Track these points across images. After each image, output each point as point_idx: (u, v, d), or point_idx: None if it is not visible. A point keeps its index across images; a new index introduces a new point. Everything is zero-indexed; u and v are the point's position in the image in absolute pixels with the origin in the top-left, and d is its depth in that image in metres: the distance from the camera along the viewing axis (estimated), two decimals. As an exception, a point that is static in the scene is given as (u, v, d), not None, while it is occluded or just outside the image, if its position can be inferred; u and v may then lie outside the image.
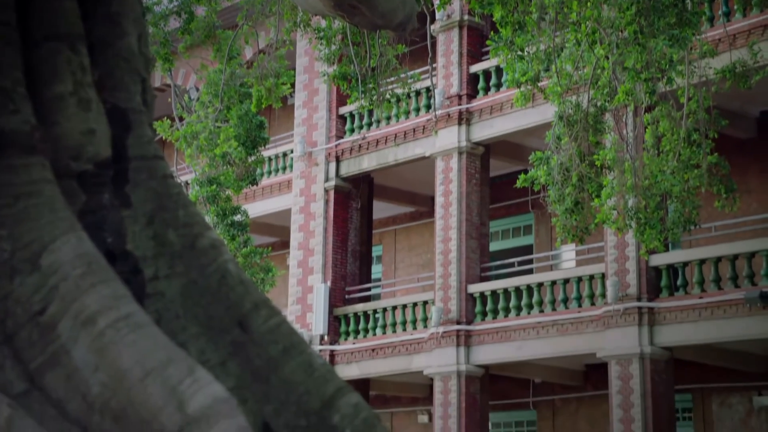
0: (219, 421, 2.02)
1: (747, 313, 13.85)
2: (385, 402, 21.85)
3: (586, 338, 15.77)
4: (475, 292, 17.54)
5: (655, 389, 14.76)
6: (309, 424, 2.49)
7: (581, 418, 18.76)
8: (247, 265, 16.04)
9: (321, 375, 2.53)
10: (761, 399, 16.31)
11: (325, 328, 19.48)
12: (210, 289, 2.54)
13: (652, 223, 10.57)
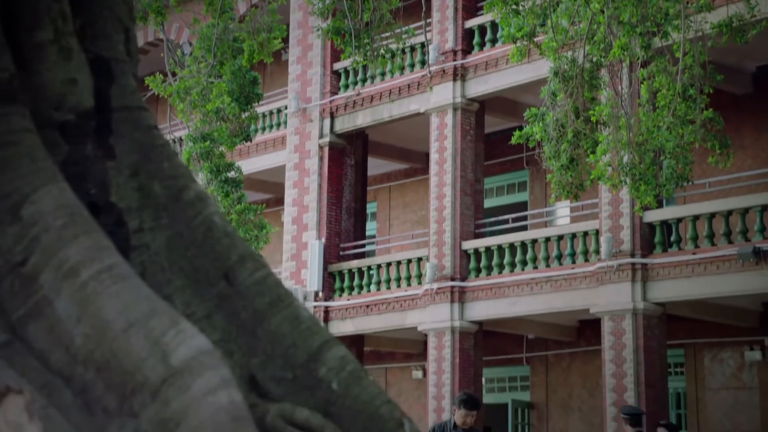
0: (202, 373, 2.01)
1: (739, 268, 13.89)
2: (379, 358, 21.98)
3: (580, 294, 15.82)
4: (470, 249, 17.56)
5: (648, 344, 14.85)
6: (295, 376, 2.48)
7: (574, 373, 18.89)
8: (241, 221, 16.02)
9: (307, 328, 2.52)
10: (753, 353, 16.43)
11: (320, 284, 19.52)
12: (195, 242, 2.52)
13: (646, 179, 10.54)
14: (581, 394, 18.67)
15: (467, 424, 8.22)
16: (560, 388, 18.97)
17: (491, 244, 17.35)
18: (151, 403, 1.99)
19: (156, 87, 15.21)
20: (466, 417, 8.16)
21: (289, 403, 2.42)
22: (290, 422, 2.36)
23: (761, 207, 14.16)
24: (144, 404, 2.00)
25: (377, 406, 2.45)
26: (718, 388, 16.96)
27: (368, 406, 2.45)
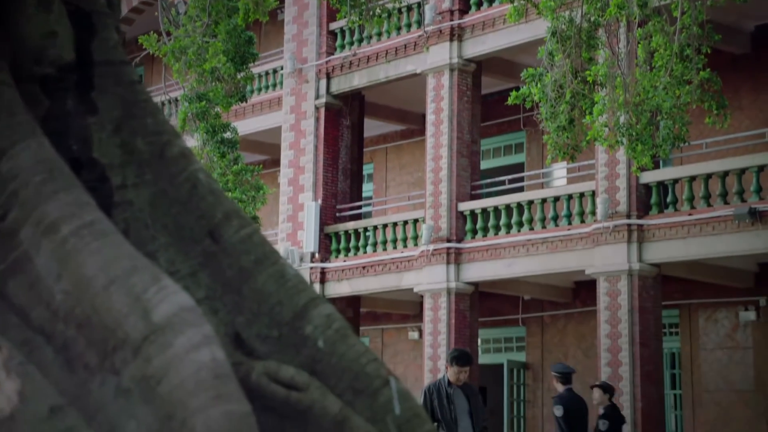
0: (184, 330, 1.99)
1: (735, 229, 13.89)
2: (375, 319, 22.06)
3: (576, 255, 15.83)
4: (466, 210, 17.54)
5: (643, 305, 14.89)
6: (281, 334, 2.46)
7: (569, 334, 18.97)
8: (238, 183, 15.97)
9: (293, 286, 2.50)
10: (747, 314, 16.50)
11: (316, 245, 19.52)
12: (180, 199, 2.49)
13: (642, 139, 10.49)
14: (576, 355, 18.76)
15: (460, 380, 8.12)
16: (555, 349, 19.05)
17: (487, 206, 17.33)
18: (133, 360, 1.98)
19: (150, 47, 15.09)
20: (458, 374, 8.07)
21: (275, 361, 2.41)
22: (275, 380, 2.35)
23: (758, 168, 14.12)
24: (125, 361, 1.98)
25: (363, 364, 2.44)
26: (713, 348, 17.04)
27: (354, 364, 2.44)
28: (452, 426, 8.02)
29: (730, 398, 16.68)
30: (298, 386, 2.34)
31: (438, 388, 8.20)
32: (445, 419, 8.03)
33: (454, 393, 8.13)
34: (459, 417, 8.08)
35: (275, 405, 2.33)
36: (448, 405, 8.06)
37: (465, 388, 8.24)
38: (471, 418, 8.10)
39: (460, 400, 8.14)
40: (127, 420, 1.97)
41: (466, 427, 8.07)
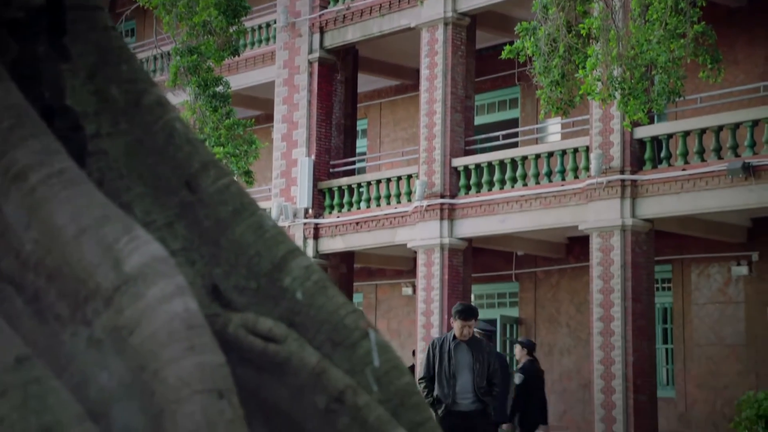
0: (156, 281, 1.95)
1: (729, 184, 13.87)
2: (369, 275, 22.09)
3: (569, 211, 15.82)
4: (459, 166, 17.49)
5: (635, 260, 14.91)
6: (259, 286, 2.43)
7: (562, 289, 19.03)
8: (230, 137, 15.90)
9: (272, 237, 2.46)
10: (739, 268, 16.54)
11: (310, 201, 19.49)
12: (156, 148, 2.44)
13: (636, 93, 10.42)
14: (569, 310, 18.84)
15: (465, 335, 7.85)
16: (548, 304, 19.13)
17: (481, 161, 17.27)
18: (104, 311, 1.94)
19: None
20: (462, 328, 7.81)
21: (253, 313, 2.37)
22: (253, 332, 2.32)
23: (752, 122, 14.07)
24: (97, 312, 1.95)
25: (342, 316, 2.41)
26: (705, 303, 17.11)
27: (333, 316, 2.41)
28: (449, 382, 7.81)
29: (721, 352, 16.78)
30: (275, 338, 2.32)
31: (442, 342, 7.98)
32: (443, 374, 7.83)
33: (457, 348, 7.88)
34: (458, 373, 7.83)
35: (252, 357, 2.30)
36: (449, 360, 7.82)
37: (472, 343, 7.94)
38: (473, 375, 7.82)
39: (463, 355, 7.87)
40: (99, 371, 1.95)
41: (464, 383, 7.84)
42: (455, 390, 7.78)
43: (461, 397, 7.80)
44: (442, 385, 7.80)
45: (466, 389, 7.81)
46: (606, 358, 14.83)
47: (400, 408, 2.35)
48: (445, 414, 7.75)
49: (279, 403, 2.31)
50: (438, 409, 7.77)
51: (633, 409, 14.50)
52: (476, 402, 7.79)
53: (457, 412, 7.77)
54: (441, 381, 7.80)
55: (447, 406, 7.76)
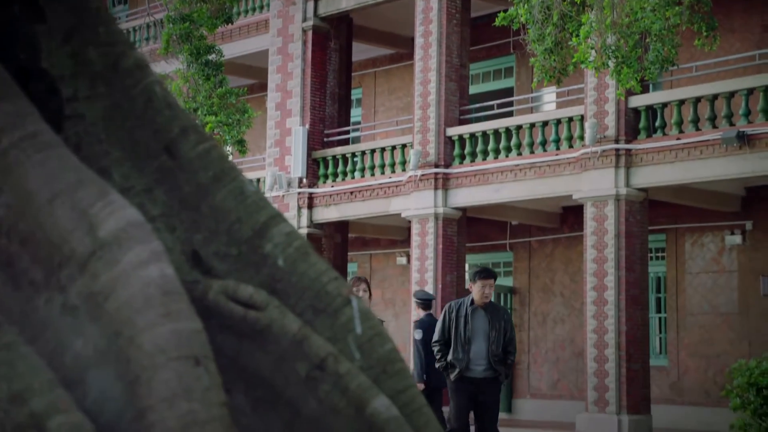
0: (132, 246, 1.92)
1: (723, 153, 13.83)
2: (364, 244, 22.08)
3: (563, 181, 15.79)
4: (454, 135, 17.43)
5: (629, 230, 14.91)
6: (240, 252, 2.40)
7: (556, 259, 19.04)
8: (223, 106, 15.82)
9: (253, 203, 2.42)
10: (733, 237, 16.55)
11: (304, 170, 19.43)
12: (135, 112, 2.40)
13: (629, 62, 10.36)
14: (563, 279, 18.86)
15: (486, 296, 7.69)
16: (543, 274, 19.14)
17: (476, 131, 17.21)
18: (79, 277, 1.91)
19: (131, -33, 14.77)
20: (483, 288, 7.68)
21: (233, 280, 2.35)
22: (233, 299, 2.29)
23: (747, 90, 14.01)
24: (72, 278, 1.92)
25: (324, 283, 2.38)
26: (698, 272, 17.14)
27: (315, 283, 2.38)
28: (464, 347, 7.69)
29: (713, 321, 16.83)
30: (256, 305, 2.29)
31: (459, 306, 7.85)
32: (458, 339, 7.70)
33: (474, 313, 7.76)
34: (473, 338, 7.71)
35: (233, 324, 2.28)
36: (464, 325, 7.71)
37: (489, 308, 7.80)
38: (488, 342, 7.70)
39: (480, 321, 7.75)
40: (74, 338, 1.92)
41: (479, 349, 7.71)
42: (469, 356, 7.70)
43: (475, 363, 7.71)
44: (457, 350, 7.71)
45: (480, 356, 7.70)
46: (599, 326, 14.87)
47: (382, 375, 2.33)
48: (458, 379, 7.71)
49: (260, 371, 2.29)
50: (451, 374, 7.73)
51: (626, 378, 14.56)
52: (489, 369, 7.71)
53: (469, 378, 7.71)
54: (456, 346, 7.71)
55: (460, 371, 7.68)
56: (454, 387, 7.76)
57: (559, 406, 17.96)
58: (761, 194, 16.18)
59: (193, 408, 1.82)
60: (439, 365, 7.86)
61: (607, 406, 14.58)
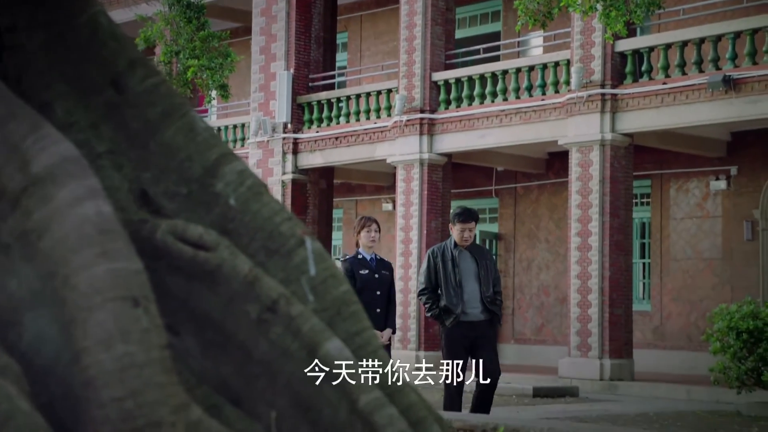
0: (66, 182, 1.83)
1: (709, 97, 13.73)
2: (350, 190, 22.01)
3: (549, 126, 15.69)
4: (440, 80, 17.26)
5: (614, 175, 14.85)
6: (190, 191, 2.32)
7: (542, 205, 19.01)
8: (205, 49, 15.56)
9: (204, 140, 2.34)
10: (718, 183, 16.53)
11: (288, 116, 19.26)
12: (79, 44, 2.30)
13: (617, 5, 10.20)
14: (548, 226, 18.86)
15: (466, 239, 7.39)
16: (528, 220, 19.13)
17: (461, 76, 17.04)
18: (11, 214, 1.83)
19: None
20: (462, 231, 7.36)
21: (183, 220, 2.27)
22: (182, 239, 2.21)
23: (734, 34, 13.87)
24: (3, 215, 1.83)
25: (277, 224, 2.31)
26: (683, 218, 17.15)
27: (268, 223, 2.31)
28: (456, 291, 7.34)
29: (697, 266, 16.89)
30: (206, 246, 2.22)
31: (443, 250, 7.48)
32: (448, 283, 7.36)
33: (460, 255, 7.41)
34: (464, 281, 7.38)
35: (182, 265, 2.21)
36: (453, 268, 7.37)
37: (474, 249, 7.50)
38: (479, 283, 7.38)
39: (467, 263, 7.42)
40: (8, 278, 1.84)
41: (472, 291, 7.37)
42: (464, 299, 7.35)
43: (470, 306, 7.36)
44: (450, 294, 7.34)
45: (474, 298, 7.37)
46: (582, 272, 14.89)
47: (336, 318, 2.27)
48: (454, 325, 7.33)
49: (210, 313, 2.23)
50: (446, 320, 7.34)
51: (608, 323, 14.62)
52: (485, 311, 7.37)
53: (466, 322, 7.34)
54: (448, 291, 7.35)
55: (457, 316, 7.31)
56: (451, 334, 7.32)
57: (543, 351, 18.07)
58: (747, 139, 16.12)
59: (130, 350, 1.75)
60: (431, 314, 7.45)
61: (589, 351, 14.67)
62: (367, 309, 8.29)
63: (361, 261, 7.81)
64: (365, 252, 7.84)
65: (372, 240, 7.82)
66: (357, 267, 7.77)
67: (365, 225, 7.87)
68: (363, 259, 7.81)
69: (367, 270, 7.76)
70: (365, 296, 7.45)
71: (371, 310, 7.53)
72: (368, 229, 7.84)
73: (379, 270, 7.83)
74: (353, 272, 7.70)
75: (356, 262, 7.81)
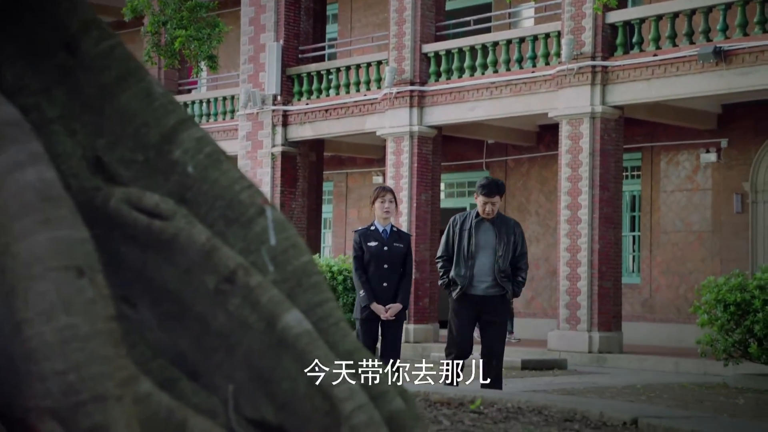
0: (5, 147, 1.76)
1: (699, 69, 13.65)
2: (340, 163, 21.92)
3: (539, 98, 15.59)
4: (430, 52, 17.13)
5: (604, 148, 14.78)
6: (147, 159, 2.24)
7: (533, 178, 18.96)
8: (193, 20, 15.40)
9: (161, 105, 2.26)
10: (708, 155, 16.48)
11: (278, 87, 19.13)
12: (29, 4, 2.21)
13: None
14: (538, 199, 18.81)
15: (488, 212, 7.07)
16: (518, 193, 19.08)
17: (452, 47, 16.91)
18: (-52, 183, 1.76)
19: None
20: (484, 205, 7.06)
21: (138, 188, 2.20)
22: (138, 208, 2.14)
23: (725, 5, 13.75)
24: (-59, 182, 1.76)
25: (237, 192, 2.23)
26: (673, 190, 17.12)
27: (227, 192, 2.24)
28: (466, 263, 7.07)
29: (686, 239, 16.88)
30: (162, 214, 2.14)
31: (464, 219, 7.21)
32: (460, 254, 7.09)
33: (478, 226, 7.12)
34: (478, 253, 7.07)
35: (137, 234, 2.14)
36: (468, 239, 7.08)
37: (498, 222, 7.15)
38: (495, 256, 7.05)
39: (486, 235, 7.10)
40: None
41: (483, 264, 7.07)
42: (473, 272, 7.06)
43: (478, 279, 7.07)
44: (459, 265, 7.09)
45: (484, 272, 7.06)
46: (572, 245, 14.86)
47: (297, 289, 2.21)
48: (460, 297, 7.08)
49: (167, 284, 2.16)
50: (453, 292, 7.11)
51: (597, 296, 14.61)
52: (495, 286, 7.05)
53: (472, 295, 7.06)
54: (458, 261, 7.10)
55: (462, 288, 7.06)
56: (456, 306, 7.13)
57: (533, 324, 18.07)
58: (737, 112, 16.06)
59: (73, 322, 1.69)
60: (442, 282, 7.26)
61: (578, 324, 14.66)
62: (372, 282, 7.67)
63: (372, 233, 7.43)
64: (379, 223, 7.45)
65: (386, 211, 7.40)
66: (366, 239, 7.40)
67: (379, 195, 7.50)
68: (374, 231, 7.43)
69: (376, 242, 7.36)
70: (373, 269, 7.28)
71: (377, 284, 7.28)
72: (382, 199, 7.46)
73: (391, 242, 7.39)
74: (361, 244, 7.37)
75: (367, 233, 7.45)
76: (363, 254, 7.34)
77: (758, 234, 16.01)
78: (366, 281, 7.30)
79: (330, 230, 22.42)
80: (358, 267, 7.37)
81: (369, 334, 7.28)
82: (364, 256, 7.33)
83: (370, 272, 7.32)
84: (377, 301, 7.26)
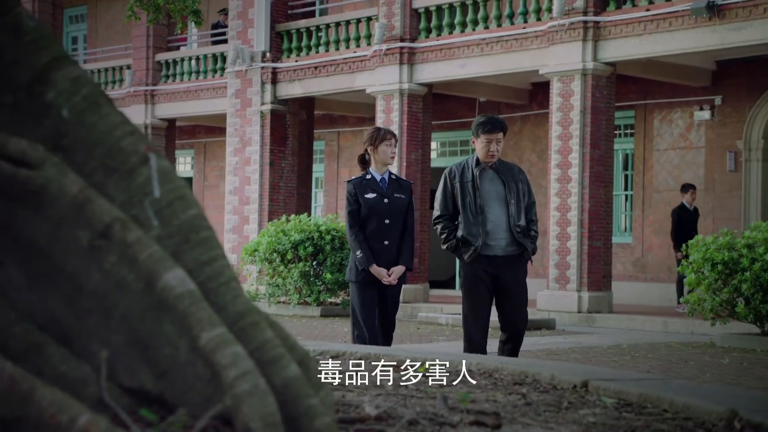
0: None
1: (692, 24, 13.34)
2: (331, 122, 21.65)
3: (530, 55, 15.29)
4: (420, 8, 16.79)
5: (595, 105, 14.51)
6: (16, 101, 2.03)
7: (525, 136, 18.70)
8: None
9: (32, 41, 2.04)
10: (702, 113, 16.21)
11: (267, 44, 18.81)
12: None
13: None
14: (531, 158, 18.57)
15: (492, 154, 6.04)
16: (510, 152, 18.82)
17: (442, 3, 16.57)
18: None
19: None
20: (489, 144, 6.01)
21: (5, 133, 1.99)
22: (1, 155, 1.93)
23: (720, -42, 13.42)
24: None
25: (118, 138, 2.02)
26: (666, 149, 16.86)
27: (107, 138, 2.02)
28: (477, 219, 6.05)
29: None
30: (30, 162, 1.94)
31: (462, 170, 6.16)
32: (468, 209, 6.07)
33: (482, 175, 6.10)
34: (487, 207, 6.08)
35: (2, 185, 1.93)
36: (473, 191, 6.07)
37: (501, 168, 6.14)
38: (507, 209, 6.07)
39: (492, 184, 6.10)
40: None
41: (497, 218, 6.06)
42: (486, 229, 6.04)
43: (493, 237, 6.04)
44: (469, 222, 6.06)
45: (499, 227, 6.05)
46: (562, 204, 14.65)
47: (184, 245, 2.00)
48: (474, 259, 6.03)
49: (36, 239, 1.96)
50: (465, 254, 6.05)
51: (587, 255, 14.43)
52: (513, 244, 6.04)
53: (489, 256, 6.03)
54: (467, 218, 6.07)
55: (477, 248, 6.00)
56: (470, 271, 6.04)
57: (524, 284, 17.89)
58: (731, 68, 15.77)
59: None
60: (448, 245, 6.13)
61: (567, 283, 14.50)
62: (373, 240, 6.25)
63: (368, 182, 6.30)
64: (376, 171, 6.31)
65: (392, 156, 6.32)
66: (362, 190, 6.30)
67: (385, 137, 6.30)
68: (371, 180, 6.30)
69: (374, 193, 6.28)
70: (371, 225, 6.29)
71: (378, 242, 6.26)
72: (389, 142, 6.30)
73: (391, 193, 6.31)
74: (357, 196, 6.29)
75: (362, 183, 6.32)
76: (359, 208, 6.29)
77: (751, 192, 15.80)
78: (363, 240, 6.26)
79: (321, 190, 22.20)
80: (354, 223, 6.30)
81: (367, 301, 6.22)
82: (360, 210, 6.29)
83: (368, 229, 6.29)
84: (377, 262, 6.22)
